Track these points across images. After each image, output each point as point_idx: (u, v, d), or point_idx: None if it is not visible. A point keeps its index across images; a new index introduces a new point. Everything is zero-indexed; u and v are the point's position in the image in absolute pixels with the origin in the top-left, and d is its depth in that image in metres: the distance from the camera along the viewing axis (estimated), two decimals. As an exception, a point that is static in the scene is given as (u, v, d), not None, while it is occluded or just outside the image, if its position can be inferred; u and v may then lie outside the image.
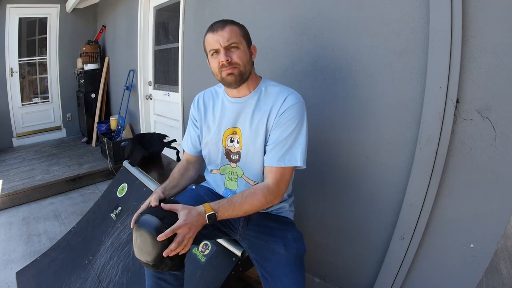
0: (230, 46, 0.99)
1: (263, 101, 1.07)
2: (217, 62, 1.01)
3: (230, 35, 0.99)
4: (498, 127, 0.97)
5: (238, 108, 1.09)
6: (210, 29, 1.02)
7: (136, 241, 0.94)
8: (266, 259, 1.04)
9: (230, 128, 1.10)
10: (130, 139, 2.23)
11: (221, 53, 0.99)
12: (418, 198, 1.14)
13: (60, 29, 4.21)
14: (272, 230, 1.10)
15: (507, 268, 1.43)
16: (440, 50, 1.03)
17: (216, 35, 0.99)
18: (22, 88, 4.14)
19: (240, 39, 1.01)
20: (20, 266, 1.85)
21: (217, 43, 0.99)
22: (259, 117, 1.05)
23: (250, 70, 1.05)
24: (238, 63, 1.00)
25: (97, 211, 1.90)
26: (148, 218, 0.93)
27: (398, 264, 1.23)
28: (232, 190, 1.15)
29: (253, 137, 1.06)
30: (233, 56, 1.00)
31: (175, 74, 2.73)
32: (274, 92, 1.06)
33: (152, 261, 0.92)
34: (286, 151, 1.00)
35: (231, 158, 1.12)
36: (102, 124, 3.85)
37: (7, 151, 3.89)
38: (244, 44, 1.03)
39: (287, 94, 1.03)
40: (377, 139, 1.28)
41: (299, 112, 1.01)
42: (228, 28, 1.00)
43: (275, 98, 1.04)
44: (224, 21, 1.02)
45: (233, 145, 1.11)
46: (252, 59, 1.07)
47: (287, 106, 1.01)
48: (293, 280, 0.98)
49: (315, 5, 1.42)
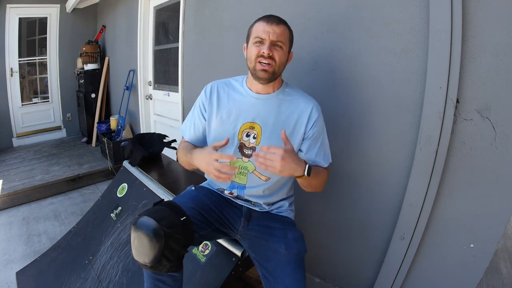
0: (276, 43, 1.01)
1: (287, 103, 1.10)
2: (257, 51, 1.02)
3: (282, 33, 1.02)
4: (498, 127, 0.97)
5: (259, 104, 1.10)
6: (265, 19, 1.03)
7: (134, 243, 0.95)
8: (267, 259, 1.04)
9: (249, 122, 1.10)
10: (130, 139, 2.23)
11: (265, 44, 1.01)
12: (418, 198, 1.14)
13: (60, 29, 4.21)
14: (273, 230, 1.10)
15: (507, 268, 1.44)
16: (440, 50, 1.03)
17: (269, 26, 1.01)
18: (22, 88, 4.13)
19: (287, 41, 1.05)
20: (20, 266, 1.85)
21: (266, 34, 1.00)
22: (284, 120, 1.08)
23: (281, 72, 1.08)
24: (276, 61, 1.02)
25: (97, 211, 1.90)
26: (146, 220, 0.94)
27: (398, 264, 1.23)
28: (241, 184, 1.15)
29: (276, 136, 1.06)
30: (275, 53, 1.01)
31: (175, 74, 2.73)
32: (298, 99, 1.11)
33: (149, 262, 0.93)
34: (325, 154, 1.12)
35: (244, 153, 1.12)
36: (102, 124, 3.85)
37: (7, 151, 3.89)
38: (287, 47, 1.06)
39: (312, 104, 1.10)
40: (377, 139, 1.28)
41: (322, 120, 1.13)
42: (282, 27, 1.03)
43: (302, 108, 1.09)
44: (280, 19, 1.05)
45: (249, 140, 1.10)
46: (286, 63, 1.10)
47: (314, 118, 1.08)
48: (294, 280, 0.98)
49: (315, 4, 1.42)
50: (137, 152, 1.97)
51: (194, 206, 1.09)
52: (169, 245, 0.93)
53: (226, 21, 1.99)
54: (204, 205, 1.12)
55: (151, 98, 3.23)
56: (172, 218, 0.96)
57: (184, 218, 0.99)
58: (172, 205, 1.02)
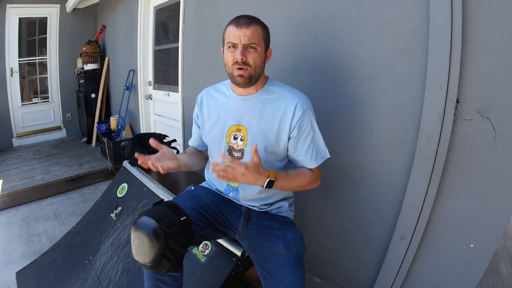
0: (248, 46, 1.00)
1: (271, 102, 1.07)
2: (231, 57, 1.01)
3: (252, 35, 0.99)
4: (498, 127, 0.97)
5: (243, 106, 1.09)
6: (235, 22, 1.01)
7: (134, 243, 0.96)
8: (266, 259, 1.04)
9: (235, 125, 1.10)
10: (130, 139, 2.23)
11: (238, 49, 0.99)
12: (418, 198, 1.14)
13: (60, 29, 4.21)
14: (272, 230, 1.10)
15: (507, 268, 1.44)
16: (440, 50, 1.03)
17: (238, 30, 0.99)
18: (22, 88, 4.13)
19: (260, 41, 1.02)
20: (20, 266, 1.85)
21: (237, 39, 0.99)
22: (268, 119, 1.06)
23: (260, 73, 1.06)
24: (251, 65, 1.00)
25: (97, 211, 1.90)
26: (146, 220, 0.95)
27: (398, 264, 1.23)
28: (234, 187, 1.15)
29: (261, 137, 1.06)
30: (249, 56, 1.00)
31: (175, 74, 2.73)
32: (283, 96, 1.07)
33: (149, 262, 0.93)
34: (317, 153, 1.07)
35: (233, 156, 1.11)
36: (102, 124, 3.85)
37: (7, 151, 3.89)
38: (263, 47, 1.03)
39: (296, 100, 1.05)
40: (377, 139, 1.28)
41: (311, 114, 1.06)
42: (252, 28, 0.99)
43: (286, 105, 1.05)
44: (251, 18, 1.02)
45: (236, 143, 1.11)
46: (265, 62, 1.07)
47: (299, 115, 1.03)
48: (293, 280, 0.98)
49: (315, 5, 1.42)
50: (136, 152, 1.97)
51: (194, 206, 1.09)
52: (169, 245, 0.93)
53: (226, 21, 1.96)
54: (204, 204, 1.13)
55: (151, 98, 3.23)
56: (172, 218, 0.96)
57: (184, 218, 0.99)
58: (172, 205, 1.02)
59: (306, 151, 1.06)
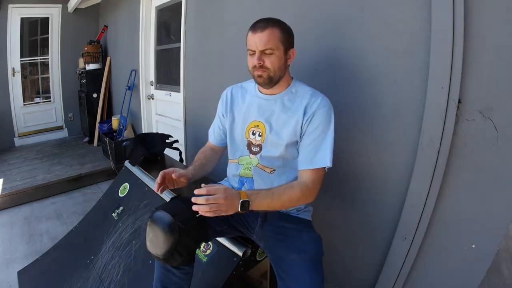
0: (265, 51, 1.01)
1: (291, 100, 1.10)
2: (251, 62, 1.05)
3: (268, 40, 1.00)
4: (500, 127, 0.97)
5: (265, 104, 1.13)
6: (252, 28, 1.04)
7: (149, 235, 1.00)
8: (282, 259, 1.04)
9: (254, 121, 1.14)
10: (132, 139, 2.24)
11: (256, 55, 1.02)
12: (420, 198, 1.14)
13: (62, 29, 4.22)
14: (287, 230, 1.10)
15: (509, 269, 1.43)
16: (442, 50, 1.02)
17: (254, 36, 1.02)
18: (24, 88, 4.15)
19: (278, 44, 1.02)
20: (22, 265, 1.85)
21: (254, 45, 1.02)
22: (288, 115, 1.08)
23: (280, 75, 1.07)
24: (269, 68, 1.03)
25: (98, 211, 1.90)
26: (162, 215, 0.99)
27: (399, 264, 1.23)
28: (248, 178, 1.17)
29: (278, 133, 1.09)
30: (266, 60, 1.02)
31: (177, 74, 2.73)
32: (304, 94, 1.09)
33: (162, 255, 0.97)
34: (316, 153, 1.03)
35: (252, 150, 1.15)
36: (104, 124, 3.86)
37: (9, 150, 3.90)
38: (281, 49, 1.03)
39: (317, 97, 1.07)
40: (379, 139, 1.28)
41: (327, 115, 1.05)
42: (267, 31, 1.00)
43: (305, 105, 1.06)
44: (267, 21, 1.03)
45: (255, 138, 1.14)
46: (287, 63, 1.09)
47: (313, 110, 1.04)
48: (308, 280, 0.97)
49: (317, 5, 1.42)
50: (138, 152, 1.98)
51: None
52: (182, 241, 0.96)
53: (227, 21, 1.99)
54: None
55: (153, 98, 3.24)
56: (188, 213, 0.97)
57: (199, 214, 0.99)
58: (188, 200, 1.02)
59: (306, 147, 1.05)
